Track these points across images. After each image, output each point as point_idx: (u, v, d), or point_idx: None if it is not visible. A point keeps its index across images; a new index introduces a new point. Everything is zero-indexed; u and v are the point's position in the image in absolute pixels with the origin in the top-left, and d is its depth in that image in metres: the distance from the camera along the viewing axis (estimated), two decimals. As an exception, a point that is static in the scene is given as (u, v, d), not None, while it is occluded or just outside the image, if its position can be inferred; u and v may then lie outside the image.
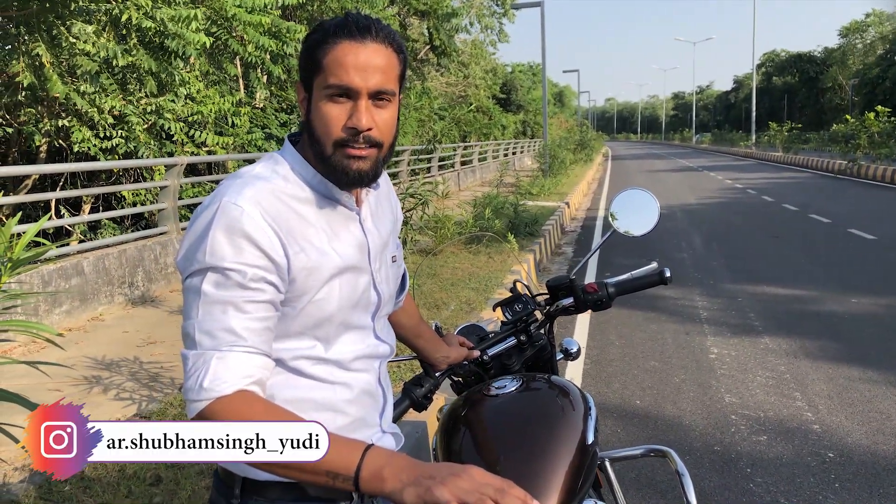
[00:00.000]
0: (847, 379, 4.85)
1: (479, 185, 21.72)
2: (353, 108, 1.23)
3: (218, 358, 1.13)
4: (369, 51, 1.23)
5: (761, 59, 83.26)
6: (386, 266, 1.45)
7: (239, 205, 1.18)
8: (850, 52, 66.33)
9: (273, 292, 1.20)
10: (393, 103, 1.28)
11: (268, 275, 1.18)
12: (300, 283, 1.24)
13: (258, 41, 9.06)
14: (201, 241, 1.17)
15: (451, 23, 19.91)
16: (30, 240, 2.10)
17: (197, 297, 1.16)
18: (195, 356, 1.14)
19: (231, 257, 1.16)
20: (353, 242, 1.34)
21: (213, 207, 1.19)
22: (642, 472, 3.57)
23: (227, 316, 1.15)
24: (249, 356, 1.15)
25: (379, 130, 1.25)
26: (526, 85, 49.21)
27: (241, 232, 1.17)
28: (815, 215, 13.52)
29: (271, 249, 1.19)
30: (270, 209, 1.21)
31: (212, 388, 1.10)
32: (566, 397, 1.75)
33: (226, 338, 1.14)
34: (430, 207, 9.01)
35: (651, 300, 6.96)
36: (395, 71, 1.27)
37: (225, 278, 1.15)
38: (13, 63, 7.41)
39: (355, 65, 1.21)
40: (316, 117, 1.25)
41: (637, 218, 2.15)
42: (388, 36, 1.25)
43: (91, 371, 4.68)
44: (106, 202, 10.03)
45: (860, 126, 26.90)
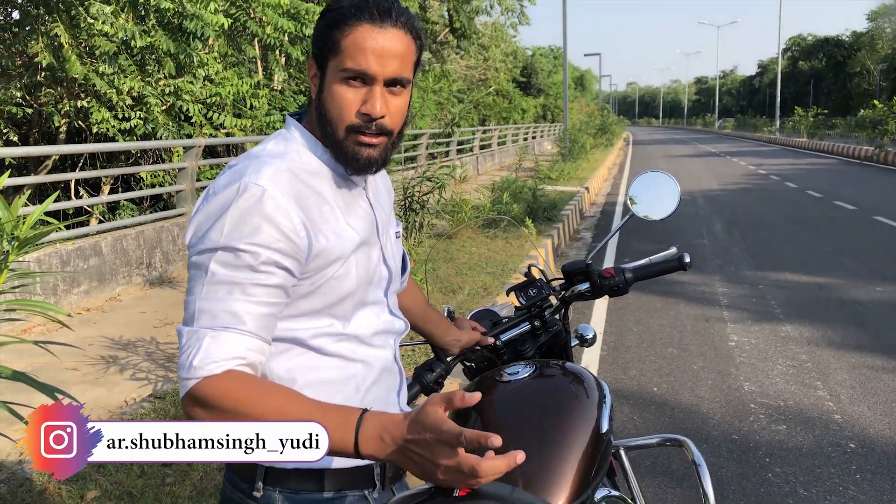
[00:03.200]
0: (870, 368, 4.76)
1: (497, 170, 21.61)
2: (367, 93, 1.21)
3: (211, 337, 1.10)
4: (389, 36, 1.20)
5: (787, 43, 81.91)
6: (391, 241, 1.44)
7: (260, 184, 1.16)
8: (878, 36, 65.01)
9: (284, 276, 1.17)
10: (406, 90, 1.26)
11: (283, 259, 1.16)
12: (322, 260, 1.22)
13: (277, 23, 9.03)
14: (217, 220, 1.14)
15: (471, 5, 19.73)
16: (39, 219, 2.08)
17: (203, 275, 1.14)
18: (189, 333, 1.11)
19: (247, 237, 1.13)
20: (365, 217, 1.33)
21: (234, 187, 1.16)
22: (658, 460, 3.52)
23: (232, 297, 1.12)
24: (244, 338, 1.12)
25: (391, 118, 1.24)
26: (547, 68, 48.77)
27: (262, 212, 1.14)
28: (839, 202, 13.30)
29: (292, 231, 1.16)
30: (291, 189, 1.19)
31: (201, 367, 1.08)
32: (580, 385, 1.70)
33: (224, 318, 1.11)
34: (448, 191, 8.96)
35: (670, 286, 6.88)
36: (412, 58, 1.25)
37: (235, 258, 1.13)
38: (32, 43, 7.43)
39: (374, 50, 1.19)
40: (329, 98, 1.23)
41: (657, 201, 2.09)
42: (407, 21, 1.23)
43: (108, 351, 4.71)
44: (125, 183, 10.09)
45: (888, 111, 26.39)
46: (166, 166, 8.49)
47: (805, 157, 29.38)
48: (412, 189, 7.67)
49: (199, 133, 9.15)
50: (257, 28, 9.18)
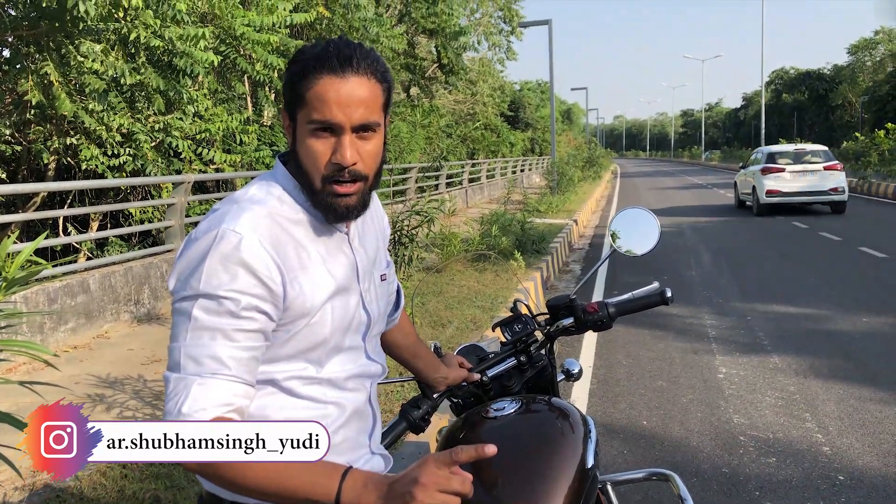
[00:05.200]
0: (858, 399, 4.78)
1: (486, 203, 21.72)
2: (336, 143, 1.22)
3: (199, 384, 1.11)
4: (352, 85, 1.21)
5: (770, 76, 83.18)
6: (375, 285, 1.44)
7: (238, 231, 1.17)
8: (859, 69, 66.22)
9: (265, 321, 1.19)
10: (378, 133, 1.27)
11: (261, 304, 1.17)
12: (297, 308, 1.23)
13: (266, 59, 9.13)
14: (197, 267, 1.16)
15: (458, 41, 20.01)
16: (28, 258, 2.09)
17: (186, 321, 1.15)
18: (177, 380, 1.13)
19: (226, 285, 1.15)
20: (344, 263, 1.34)
21: (212, 234, 1.18)
22: (648, 495, 3.51)
23: (215, 343, 1.14)
24: (230, 384, 1.14)
25: (364, 163, 1.25)
26: (534, 102, 49.33)
27: (239, 260, 1.16)
28: (825, 233, 13.42)
29: (268, 278, 1.18)
30: (269, 235, 1.20)
31: (190, 414, 1.09)
32: (566, 420, 1.71)
33: (210, 365, 1.13)
34: (437, 224, 9.00)
35: (659, 318, 6.90)
36: (379, 101, 1.26)
37: (217, 305, 1.14)
38: (22, 81, 7.47)
39: (337, 100, 1.20)
40: (302, 151, 1.25)
41: (638, 237, 2.13)
42: (370, 65, 1.24)
43: (94, 389, 4.67)
44: (114, 219, 10.07)
45: (870, 143, 26.75)
46: (155, 202, 8.49)
47: (790, 188, 29.61)
48: (401, 223, 7.71)
49: (188, 169, 9.18)
50: (247, 65, 9.27)
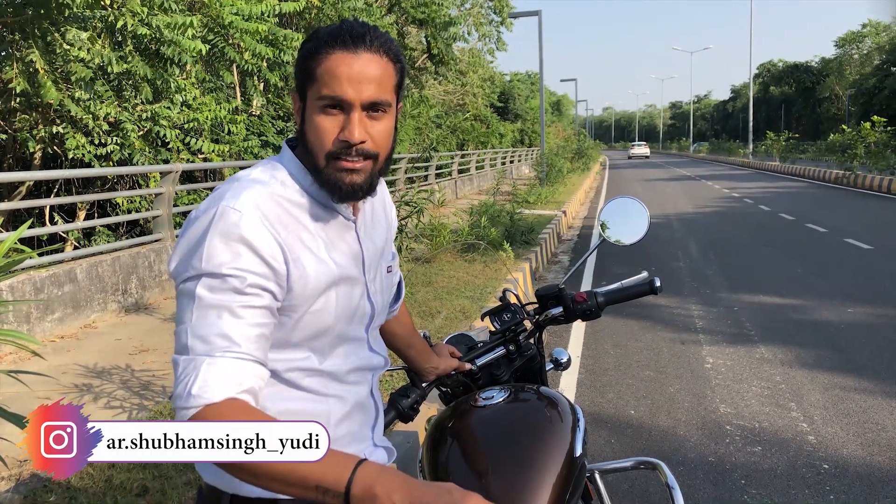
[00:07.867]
0: (842, 389, 4.83)
1: (476, 194, 21.72)
2: (345, 120, 1.20)
3: (209, 363, 1.08)
4: (363, 61, 1.20)
5: (758, 69, 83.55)
6: (381, 276, 1.42)
7: (237, 209, 1.16)
8: (846, 62, 66.61)
9: (270, 299, 1.17)
10: (389, 114, 1.25)
11: (265, 282, 1.15)
12: (297, 291, 1.21)
13: (255, 49, 9.06)
14: (198, 246, 1.14)
15: (448, 31, 19.90)
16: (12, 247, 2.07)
17: (191, 301, 1.12)
18: (186, 361, 1.10)
19: (229, 263, 1.13)
20: (348, 252, 1.32)
21: (211, 212, 1.16)
22: (635, 484, 3.53)
23: (222, 320, 1.11)
24: (242, 363, 1.10)
25: (374, 142, 1.23)
26: (524, 94, 49.32)
27: (240, 237, 1.14)
28: (811, 225, 13.52)
29: (271, 257, 1.16)
30: (270, 214, 1.19)
31: (200, 395, 1.06)
32: (554, 409, 1.72)
33: (219, 343, 1.10)
34: (426, 215, 8.99)
35: (646, 309, 6.94)
36: (392, 81, 1.24)
37: (221, 282, 1.12)
38: (7, 69, 7.39)
39: (348, 76, 1.19)
40: (309, 128, 1.23)
41: (627, 227, 2.13)
42: (383, 45, 1.22)
43: (82, 379, 4.65)
44: (101, 209, 10.00)
45: (857, 136, 26.96)
46: (143, 192, 8.42)
47: (778, 180, 29.86)
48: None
49: (176, 158, 9.12)
50: (235, 54, 9.20)
